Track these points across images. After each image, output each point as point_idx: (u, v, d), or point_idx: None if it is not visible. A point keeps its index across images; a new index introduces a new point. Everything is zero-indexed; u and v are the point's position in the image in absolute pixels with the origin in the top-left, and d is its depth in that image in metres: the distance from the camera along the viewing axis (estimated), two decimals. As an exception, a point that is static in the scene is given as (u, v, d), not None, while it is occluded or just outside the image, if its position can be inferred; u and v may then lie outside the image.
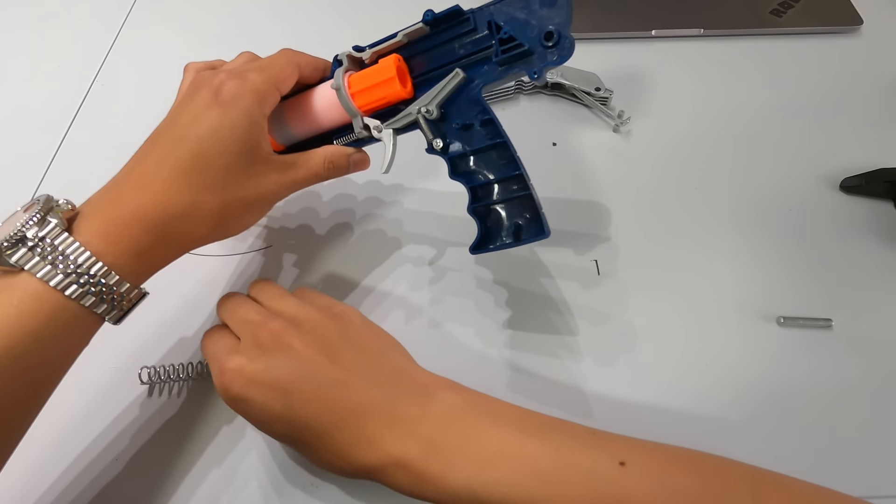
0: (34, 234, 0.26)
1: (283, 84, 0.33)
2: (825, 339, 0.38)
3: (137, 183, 0.30)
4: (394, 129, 0.32)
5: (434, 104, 0.31)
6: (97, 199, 0.30)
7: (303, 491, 0.34)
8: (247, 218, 0.34)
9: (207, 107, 0.30)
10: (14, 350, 0.25)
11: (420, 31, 0.32)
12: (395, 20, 0.57)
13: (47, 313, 0.26)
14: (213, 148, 0.30)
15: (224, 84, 0.31)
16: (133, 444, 0.36)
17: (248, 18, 0.60)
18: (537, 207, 0.31)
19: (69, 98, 0.53)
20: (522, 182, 0.32)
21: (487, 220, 0.33)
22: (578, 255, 0.42)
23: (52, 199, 0.28)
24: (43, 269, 0.26)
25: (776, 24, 0.55)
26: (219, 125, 0.30)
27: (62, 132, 0.51)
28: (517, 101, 0.52)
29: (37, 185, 0.48)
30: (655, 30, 0.55)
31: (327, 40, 0.57)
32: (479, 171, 0.32)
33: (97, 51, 0.57)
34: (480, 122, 0.32)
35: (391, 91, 0.32)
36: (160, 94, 0.54)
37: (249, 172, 0.31)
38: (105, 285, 0.27)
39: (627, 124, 0.49)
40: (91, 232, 0.27)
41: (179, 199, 0.29)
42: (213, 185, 0.30)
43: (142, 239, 0.28)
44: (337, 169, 0.35)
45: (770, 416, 0.35)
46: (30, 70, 0.56)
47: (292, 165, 0.34)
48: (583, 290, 0.40)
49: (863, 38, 0.55)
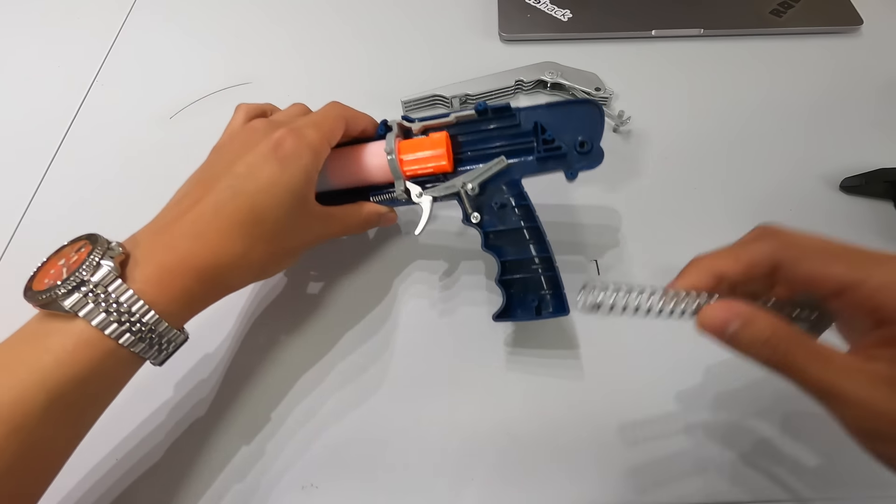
0: (90, 281, 0.26)
1: (333, 139, 0.34)
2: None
3: (192, 229, 0.30)
4: (433, 196, 0.35)
5: (477, 182, 0.34)
6: (148, 240, 0.30)
7: (302, 491, 0.34)
8: (285, 263, 0.35)
9: (267, 161, 0.31)
10: (64, 397, 0.26)
11: (469, 116, 0.35)
12: (398, 23, 0.58)
13: (99, 360, 0.26)
14: (269, 202, 0.30)
15: (285, 140, 0.31)
16: (133, 444, 0.36)
17: (248, 19, 0.60)
18: (561, 287, 0.34)
19: (69, 98, 0.54)
20: (550, 263, 0.34)
21: (513, 291, 0.35)
22: (578, 255, 0.42)
23: (105, 241, 0.28)
24: (98, 317, 0.26)
25: (776, 24, 0.55)
26: (277, 180, 0.31)
27: (62, 132, 0.51)
28: (517, 100, 0.52)
29: (37, 185, 0.48)
30: (655, 30, 0.55)
31: (329, 40, 0.57)
32: (510, 246, 0.35)
33: (97, 51, 0.57)
34: (516, 204, 0.35)
35: (439, 163, 0.35)
36: (160, 93, 0.54)
37: (297, 224, 0.32)
38: (155, 332, 0.28)
39: (627, 124, 0.49)
40: (144, 279, 0.28)
41: (233, 250, 0.30)
42: (265, 236, 0.31)
43: (193, 288, 0.29)
44: (369, 224, 0.38)
45: (771, 416, 0.35)
46: (30, 70, 0.56)
47: (334, 218, 0.35)
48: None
49: (862, 38, 0.55)
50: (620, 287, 0.25)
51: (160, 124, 0.51)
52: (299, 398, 0.37)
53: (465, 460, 0.35)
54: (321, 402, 0.37)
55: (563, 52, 0.53)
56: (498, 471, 0.34)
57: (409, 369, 0.38)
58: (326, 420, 0.36)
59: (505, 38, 0.56)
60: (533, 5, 0.57)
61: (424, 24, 0.58)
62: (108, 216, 0.46)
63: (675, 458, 0.34)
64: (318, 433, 0.36)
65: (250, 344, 0.39)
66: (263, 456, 0.35)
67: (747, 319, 0.23)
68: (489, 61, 0.53)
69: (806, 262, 0.23)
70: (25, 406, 0.25)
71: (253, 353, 0.39)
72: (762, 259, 0.24)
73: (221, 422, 0.36)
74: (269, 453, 0.35)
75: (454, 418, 0.36)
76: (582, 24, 0.55)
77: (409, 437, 0.35)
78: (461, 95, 0.50)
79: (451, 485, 0.34)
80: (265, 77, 0.54)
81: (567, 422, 0.35)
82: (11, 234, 0.45)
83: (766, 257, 0.24)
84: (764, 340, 0.23)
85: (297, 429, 0.36)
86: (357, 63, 0.55)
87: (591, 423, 0.35)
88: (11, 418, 0.24)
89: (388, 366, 0.38)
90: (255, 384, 0.38)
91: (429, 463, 0.35)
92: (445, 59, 0.55)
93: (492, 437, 0.35)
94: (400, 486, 0.34)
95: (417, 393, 0.37)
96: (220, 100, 0.53)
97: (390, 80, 0.53)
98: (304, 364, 0.38)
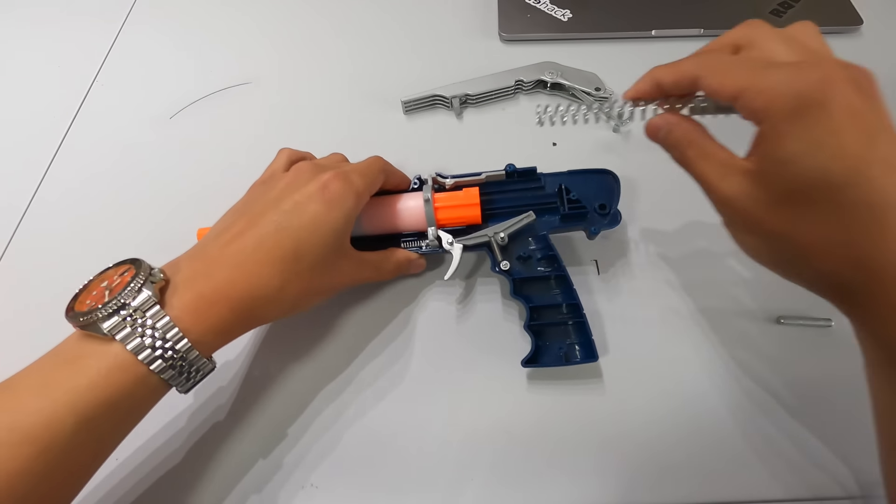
0: (130, 304, 0.27)
1: (374, 189, 0.36)
2: (825, 339, 0.38)
3: (233, 260, 0.30)
4: (464, 245, 0.37)
5: (507, 233, 0.37)
6: (188, 267, 0.30)
7: (303, 491, 0.34)
8: (316, 301, 0.35)
9: (313, 200, 0.32)
10: (92, 421, 0.26)
11: (499, 176, 0.39)
12: (398, 23, 0.58)
13: (130, 385, 0.27)
14: (312, 239, 0.31)
15: (332, 182, 0.32)
16: (133, 444, 0.36)
17: (247, 19, 0.60)
18: (589, 333, 0.36)
19: (69, 98, 0.54)
20: (578, 311, 0.36)
21: (541, 338, 0.36)
22: (579, 255, 0.42)
23: (147, 266, 0.29)
24: (134, 342, 0.27)
25: (776, 25, 0.54)
26: (322, 220, 0.32)
27: (62, 132, 0.51)
28: (517, 100, 0.52)
29: (37, 185, 0.48)
30: (655, 30, 0.55)
31: (329, 40, 0.57)
32: (538, 294, 0.37)
33: (97, 51, 0.57)
34: (543, 256, 0.38)
35: (471, 214, 0.38)
36: (160, 94, 0.54)
37: (333, 265, 0.33)
38: (185, 360, 0.28)
39: (627, 124, 0.49)
40: (181, 306, 0.28)
41: (270, 284, 0.30)
42: (302, 273, 0.31)
43: (227, 318, 0.29)
44: (400, 270, 0.39)
45: (771, 416, 0.35)
46: (30, 70, 0.56)
47: (368, 263, 0.37)
48: (583, 290, 0.40)
49: (863, 38, 0.55)
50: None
51: (160, 124, 0.51)
52: (300, 399, 0.37)
53: (465, 460, 0.35)
54: (321, 403, 0.37)
55: (563, 52, 0.53)
56: (498, 471, 0.34)
57: (409, 370, 0.38)
58: (326, 420, 0.36)
59: (505, 38, 0.56)
60: (533, 5, 0.57)
61: (424, 25, 0.58)
62: (108, 216, 0.46)
63: (675, 458, 0.34)
64: (318, 433, 0.36)
65: (254, 350, 0.39)
66: (264, 456, 0.35)
67: (671, 126, 0.30)
68: (489, 61, 0.53)
69: (711, 77, 0.27)
70: (54, 428, 0.25)
71: (255, 359, 0.39)
72: (687, 72, 0.29)
73: (222, 423, 0.36)
74: (270, 454, 0.35)
75: (454, 418, 0.36)
76: (582, 24, 0.55)
77: (409, 437, 0.35)
78: (461, 95, 0.50)
79: (451, 485, 0.34)
80: (265, 77, 0.54)
81: (567, 422, 0.35)
82: (11, 234, 0.45)
83: (690, 72, 0.29)
84: (676, 142, 0.30)
85: (298, 429, 0.36)
86: (357, 63, 0.55)
87: (590, 423, 0.35)
88: (40, 439, 0.25)
89: (387, 367, 0.38)
90: (256, 387, 0.38)
91: (429, 463, 0.35)
92: (445, 59, 0.55)
93: (492, 437, 0.35)
94: (400, 486, 0.34)
95: (418, 393, 0.37)
96: (220, 100, 0.53)
97: (390, 80, 0.53)
98: (304, 366, 0.38)
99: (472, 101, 0.51)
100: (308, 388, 0.37)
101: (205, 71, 0.55)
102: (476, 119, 0.51)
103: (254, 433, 0.36)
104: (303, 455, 0.35)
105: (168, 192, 0.47)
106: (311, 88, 0.53)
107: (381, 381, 0.38)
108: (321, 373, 0.38)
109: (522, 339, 0.38)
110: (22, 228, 0.46)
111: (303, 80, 0.54)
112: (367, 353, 0.39)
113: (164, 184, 0.48)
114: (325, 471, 0.34)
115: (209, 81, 0.54)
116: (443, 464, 0.34)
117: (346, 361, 0.38)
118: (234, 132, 0.51)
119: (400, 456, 0.35)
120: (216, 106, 0.52)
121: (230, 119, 0.52)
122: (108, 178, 0.48)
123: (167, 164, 0.49)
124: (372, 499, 0.34)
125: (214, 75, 0.54)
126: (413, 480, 0.34)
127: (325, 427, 0.36)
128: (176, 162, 0.49)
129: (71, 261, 0.43)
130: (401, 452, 0.35)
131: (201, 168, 0.48)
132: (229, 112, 0.52)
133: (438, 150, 0.49)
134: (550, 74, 0.50)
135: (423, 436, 0.35)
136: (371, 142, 0.49)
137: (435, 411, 0.36)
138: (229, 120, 0.52)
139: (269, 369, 0.38)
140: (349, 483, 0.34)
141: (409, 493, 0.34)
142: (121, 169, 0.49)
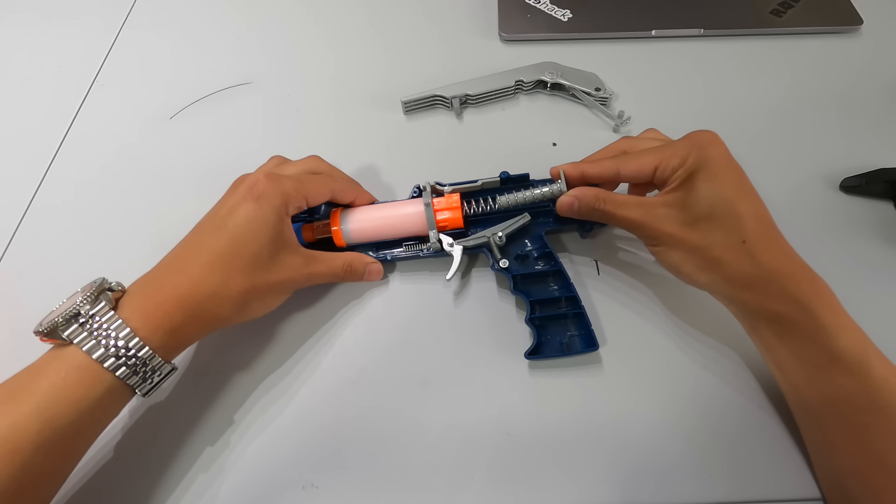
0: (86, 311, 0.29)
1: (312, 199, 0.37)
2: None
3: (177, 265, 0.34)
4: (464, 246, 0.39)
5: (505, 233, 0.39)
6: (143, 279, 0.33)
7: (302, 491, 0.34)
8: (268, 300, 0.36)
9: (244, 200, 0.35)
10: (55, 422, 0.28)
11: (494, 182, 0.41)
12: (398, 23, 0.58)
13: (88, 385, 0.29)
14: (245, 235, 0.34)
15: (259, 182, 0.35)
16: (132, 443, 0.36)
17: (247, 19, 0.60)
18: (588, 324, 0.37)
19: (69, 98, 0.54)
20: (577, 303, 0.38)
21: (543, 330, 0.38)
22: (579, 255, 0.42)
23: (106, 281, 0.32)
24: (88, 344, 0.29)
25: (776, 24, 0.55)
26: (253, 216, 0.34)
27: (62, 132, 0.51)
28: (517, 100, 0.52)
29: (37, 185, 0.48)
30: (655, 30, 0.55)
31: (329, 40, 0.57)
32: (538, 289, 0.39)
33: (97, 51, 0.57)
34: (539, 253, 0.39)
35: (454, 217, 0.39)
36: (160, 93, 0.54)
37: (274, 259, 0.35)
38: (139, 358, 0.30)
39: (627, 124, 0.49)
40: (131, 308, 0.31)
41: (212, 280, 0.33)
42: (243, 268, 0.33)
43: (175, 316, 0.31)
44: (353, 273, 0.40)
45: (771, 415, 0.35)
46: (30, 70, 0.56)
47: (315, 260, 0.38)
48: (583, 289, 0.40)
49: (863, 38, 0.55)
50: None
51: (160, 124, 0.51)
52: (300, 399, 0.37)
53: (465, 460, 0.35)
54: (321, 404, 0.37)
55: (563, 52, 0.53)
56: (498, 471, 0.34)
57: (409, 369, 0.38)
58: (326, 420, 0.36)
59: (505, 38, 0.56)
60: (533, 5, 0.57)
61: (424, 25, 0.58)
62: (108, 216, 0.46)
63: (675, 458, 0.34)
64: (318, 433, 0.36)
65: (251, 343, 0.39)
66: (264, 456, 0.35)
67: (581, 196, 0.36)
68: (489, 61, 0.53)
69: (628, 167, 0.35)
70: (20, 432, 0.27)
71: (253, 353, 0.39)
72: (609, 168, 0.36)
73: (222, 422, 0.36)
74: (270, 453, 0.35)
75: (454, 418, 0.36)
76: (582, 24, 0.55)
77: (409, 437, 0.35)
78: (461, 96, 0.50)
79: (450, 485, 0.34)
80: (265, 77, 0.54)
81: (567, 422, 0.35)
82: (12, 234, 0.45)
83: (610, 168, 0.36)
84: (591, 205, 0.36)
85: (298, 429, 0.36)
86: (357, 63, 0.55)
87: (591, 423, 0.35)
88: (8, 441, 0.27)
89: (387, 366, 0.38)
90: (257, 384, 0.38)
91: (429, 463, 0.35)
92: (445, 59, 0.55)
93: (491, 437, 0.35)
94: (400, 486, 0.34)
95: (418, 393, 0.37)
96: (219, 100, 0.53)
97: (390, 81, 0.53)
98: (305, 365, 0.38)
99: (472, 101, 0.51)
100: (308, 388, 0.37)
101: (205, 71, 0.55)
102: (476, 119, 0.51)
103: (254, 433, 0.36)
104: (303, 455, 0.35)
105: (168, 192, 0.47)
106: (311, 88, 0.53)
107: (382, 381, 0.38)
108: (321, 373, 0.38)
109: (523, 336, 0.38)
110: (22, 228, 0.46)
111: (302, 80, 0.54)
112: (368, 354, 0.39)
113: (164, 183, 0.48)
114: (325, 471, 0.34)
115: (209, 81, 0.54)
116: (443, 463, 0.34)
117: (346, 362, 0.38)
118: (234, 132, 0.51)
119: (400, 456, 0.35)
120: (216, 106, 0.52)
121: (230, 119, 0.52)
122: (108, 178, 0.48)
123: (167, 164, 0.49)
124: (372, 499, 0.34)
125: (214, 75, 0.54)
126: (413, 480, 0.34)
127: (325, 427, 0.36)
128: (176, 162, 0.49)
129: (71, 261, 0.43)
130: (401, 452, 0.35)
131: (201, 168, 0.48)
132: (229, 112, 0.52)
133: (438, 150, 0.49)
134: (550, 74, 0.50)
135: (424, 436, 0.35)
136: (371, 142, 0.49)
137: (435, 411, 0.36)
138: (229, 120, 0.52)
139: (269, 370, 0.38)
140: (349, 483, 0.34)
141: (409, 493, 0.34)
142: (121, 169, 0.49)
